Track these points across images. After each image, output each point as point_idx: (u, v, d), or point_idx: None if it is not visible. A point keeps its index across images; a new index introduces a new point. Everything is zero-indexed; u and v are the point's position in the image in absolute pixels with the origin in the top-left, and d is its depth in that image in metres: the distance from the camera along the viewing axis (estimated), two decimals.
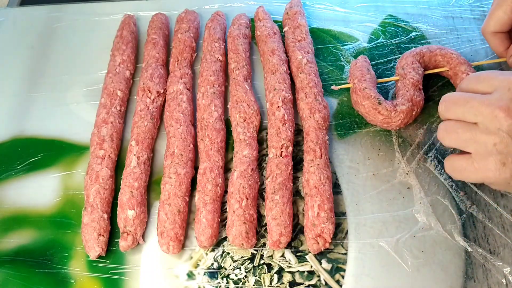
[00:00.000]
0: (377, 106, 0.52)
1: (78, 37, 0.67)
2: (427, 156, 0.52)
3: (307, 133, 0.51)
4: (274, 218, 0.46)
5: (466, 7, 0.65)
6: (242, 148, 0.51)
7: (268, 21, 0.62)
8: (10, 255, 0.48)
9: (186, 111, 0.54)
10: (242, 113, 0.53)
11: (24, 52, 0.65)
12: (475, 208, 0.48)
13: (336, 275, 0.45)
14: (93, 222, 0.47)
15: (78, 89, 0.61)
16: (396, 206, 0.48)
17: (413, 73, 0.53)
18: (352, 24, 0.65)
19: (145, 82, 0.57)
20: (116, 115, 0.55)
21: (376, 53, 0.61)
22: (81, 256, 0.47)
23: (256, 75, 0.60)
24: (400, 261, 0.45)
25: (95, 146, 0.52)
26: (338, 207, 0.49)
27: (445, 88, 0.56)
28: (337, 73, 0.59)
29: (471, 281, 0.44)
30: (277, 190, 0.47)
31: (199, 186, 0.49)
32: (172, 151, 0.51)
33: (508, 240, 0.46)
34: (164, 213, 0.47)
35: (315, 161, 0.49)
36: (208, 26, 0.63)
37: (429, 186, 0.49)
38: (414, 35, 0.63)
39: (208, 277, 0.46)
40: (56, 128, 0.57)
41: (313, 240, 0.45)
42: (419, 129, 0.54)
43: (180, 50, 0.60)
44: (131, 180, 0.49)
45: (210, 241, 0.46)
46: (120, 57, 0.60)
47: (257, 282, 0.45)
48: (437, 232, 0.47)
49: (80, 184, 0.52)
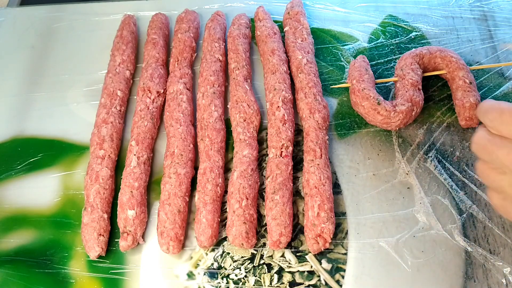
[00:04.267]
0: (376, 107, 0.52)
1: (78, 37, 0.66)
2: (427, 156, 0.52)
3: (307, 133, 0.51)
4: (274, 218, 0.46)
5: (466, 7, 0.65)
6: (242, 148, 0.51)
7: (268, 21, 0.62)
8: (10, 255, 0.48)
9: (186, 111, 0.54)
10: (242, 113, 0.53)
11: (24, 52, 0.65)
12: (475, 208, 0.48)
13: (336, 275, 0.45)
14: (93, 222, 0.47)
15: (78, 89, 0.61)
16: (396, 206, 0.48)
17: (412, 74, 0.53)
18: (352, 24, 0.65)
19: (145, 82, 0.57)
20: (116, 115, 0.55)
21: (376, 53, 0.61)
22: (81, 256, 0.47)
23: (256, 75, 0.60)
24: (400, 261, 0.45)
25: (95, 146, 0.52)
26: (338, 207, 0.49)
27: (445, 88, 0.56)
28: (337, 73, 0.59)
29: (471, 281, 0.44)
30: (277, 190, 0.47)
31: (199, 186, 0.49)
32: (172, 151, 0.51)
33: (508, 240, 0.46)
34: (164, 213, 0.47)
35: (315, 161, 0.49)
36: (208, 26, 0.63)
37: (429, 186, 0.49)
38: (414, 35, 0.63)
39: (208, 277, 0.46)
40: (56, 128, 0.57)
41: (313, 240, 0.45)
42: (419, 129, 0.54)
43: (180, 50, 0.60)
44: (131, 180, 0.49)
45: (210, 241, 0.46)
46: (120, 57, 0.60)
47: (257, 282, 0.45)
48: (437, 232, 0.47)
49: (80, 184, 0.52)
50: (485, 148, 0.40)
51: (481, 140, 0.40)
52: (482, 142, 0.40)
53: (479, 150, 0.41)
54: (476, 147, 0.41)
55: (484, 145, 0.40)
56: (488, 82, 0.57)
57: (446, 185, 0.49)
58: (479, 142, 0.40)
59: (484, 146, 0.40)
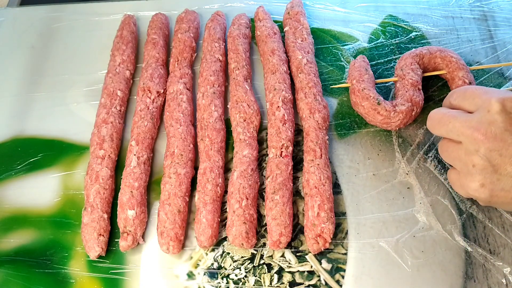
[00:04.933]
0: (376, 107, 0.52)
1: (78, 37, 0.66)
2: (427, 156, 0.52)
3: (307, 133, 0.51)
4: (274, 218, 0.46)
5: (466, 7, 0.65)
6: (242, 148, 0.51)
7: (268, 21, 0.62)
8: (10, 255, 0.48)
9: (186, 111, 0.54)
10: (242, 113, 0.53)
11: (24, 52, 0.65)
12: (475, 208, 0.48)
13: (336, 275, 0.45)
14: (93, 222, 0.47)
15: (78, 89, 0.61)
16: (396, 206, 0.48)
17: (412, 74, 0.53)
18: (352, 24, 0.65)
19: (145, 82, 0.57)
20: (116, 115, 0.55)
21: (376, 53, 0.61)
22: (81, 256, 0.47)
23: (256, 75, 0.60)
24: (400, 261, 0.45)
25: (95, 146, 0.52)
26: (338, 207, 0.49)
27: (445, 88, 0.56)
28: (337, 73, 0.59)
29: (471, 281, 0.44)
30: (277, 190, 0.47)
31: (199, 186, 0.49)
32: (172, 151, 0.51)
33: (508, 240, 0.46)
34: (164, 213, 0.47)
35: (315, 161, 0.49)
36: (208, 26, 0.63)
37: (429, 186, 0.49)
38: (414, 35, 0.63)
39: (208, 277, 0.46)
40: (56, 128, 0.57)
41: (313, 240, 0.45)
42: (419, 129, 0.54)
43: (180, 50, 0.60)
44: (131, 180, 0.49)
45: (210, 241, 0.46)
46: (120, 57, 0.60)
47: (257, 282, 0.45)
48: (437, 232, 0.47)
49: (80, 184, 0.52)
50: (441, 120, 0.43)
51: (437, 114, 0.44)
52: (437, 116, 0.44)
53: (435, 124, 0.44)
54: (431, 122, 0.44)
55: (441, 118, 0.43)
56: (488, 82, 0.57)
57: (446, 185, 0.49)
58: (435, 116, 0.44)
59: (441, 118, 0.43)
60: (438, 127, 0.43)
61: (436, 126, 0.44)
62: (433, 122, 0.44)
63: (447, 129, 0.42)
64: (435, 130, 0.44)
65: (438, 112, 0.44)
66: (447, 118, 0.42)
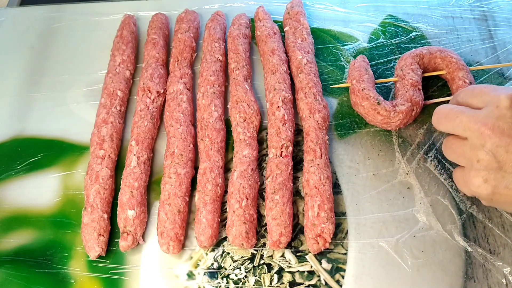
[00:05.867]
0: (376, 107, 0.52)
1: (78, 37, 0.66)
2: (427, 156, 0.52)
3: (307, 133, 0.51)
4: (274, 218, 0.46)
5: (466, 7, 0.65)
6: (242, 148, 0.51)
7: (268, 21, 0.62)
8: (10, 255, 0.48)
9: (186, 111, 0.54)
10: (242, 113, 0.53)
11: (24, 52, 0.65)
12: (475, 208, 0.48)
13: (336, 275, 0.45)
14: (93, 222, 0.47)
15: (78, 89, 0.61)
16: (396, 206, 0.48)
17: (412, 74, 0.53)
18: (352, 24, 0.65)
19: (145, 82, 0.57)
20: (116, 115, 0.55)
21: (376, 53, 0.61)
22: (81, 256, 0.47)
23: (256, 75, 0.60)
24: (400, 261, 0.45)
25: (95, 146, 0.52)
26: (338, 207, 0.49)
27: (445, 88, 0.56)
28: (337, 73, 0.59)
29: (471, 281, 0.44)
30: (277, 190, 0.47)
31: (199, 186, 0.49)
32: (172, 151, 0.51)
33: (508, 240, 0.46)
34: (164, 213, 0.47)
35: (315, 161, 0.49)
36: (208, 26, 0.63)
37: (429, 186, 0.49)
38: (414, 35, 0.63)
39: (208, 277, 0.46)
40: (56, 128, 0.57)
41: (313, 240, 0.45)
42: (419, 129, 0.54)
43: (180, 50, 0.60)
44: (131, 180, 0.49)
45: (210, 241, 0.46)
46: (120, 57, 0.60)
47: (257, 282, 0.45)
48: (437, 232, 0.47)
49: (80, 184, 0.52)
50: (448, 115, 0.42)
51: (444, 109, 0.43)
52: (444, 111, 0.43)
53: (441, 119, 0.43)
54: (437, 116, 0.44)
55: (448, 112, 0.42)
56: (488, 82, 0.57)
57: (446, 185, 0.49)
58: (442, 111, 0.43)
59: (448, 113, 0.42)
60: (445, 122, 0.42)
61: (442, 120, 0.43)
62: (440, 117, 0.43)
63: (453, 124, 0.41)
64: (441, 125, 0.43)
65: (445, 107, 0.43)
66: (454, 113, 0.42)
